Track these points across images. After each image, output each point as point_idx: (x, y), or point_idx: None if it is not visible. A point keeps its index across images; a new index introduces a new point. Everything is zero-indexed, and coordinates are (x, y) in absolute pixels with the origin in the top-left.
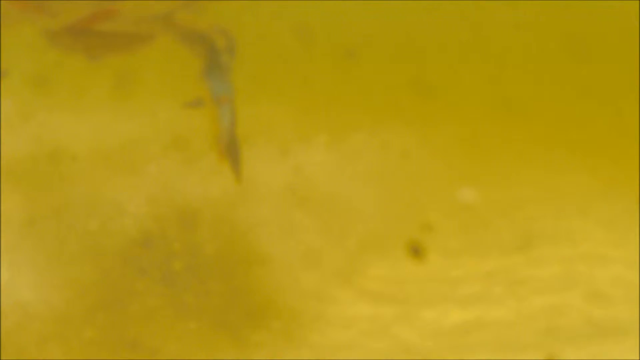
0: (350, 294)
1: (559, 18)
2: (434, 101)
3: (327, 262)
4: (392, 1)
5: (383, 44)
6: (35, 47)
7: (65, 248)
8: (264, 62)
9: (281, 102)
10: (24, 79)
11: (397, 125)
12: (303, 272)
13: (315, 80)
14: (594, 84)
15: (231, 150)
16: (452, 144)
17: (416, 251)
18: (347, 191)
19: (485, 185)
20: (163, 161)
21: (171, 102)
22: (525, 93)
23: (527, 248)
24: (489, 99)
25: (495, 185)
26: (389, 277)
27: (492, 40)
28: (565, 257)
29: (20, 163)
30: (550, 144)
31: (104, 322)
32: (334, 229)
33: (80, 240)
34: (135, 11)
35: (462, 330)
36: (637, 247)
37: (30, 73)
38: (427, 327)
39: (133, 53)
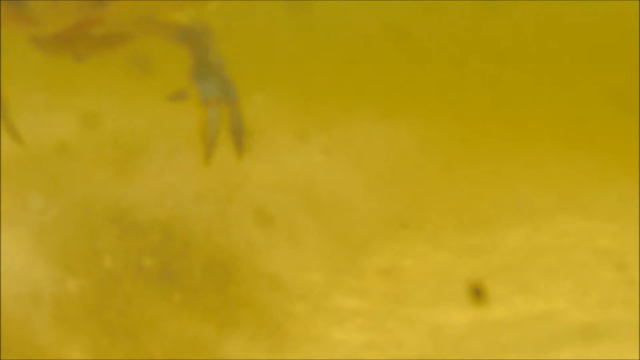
0: (349, 292)
1: (559, 18)
2: (434, 100)
3: (326, 260)
4: (391, 1)
5: (383, 44)
6: (30, 48)
7: (64, 247)
8: (263, 61)
9: (281, 100)
10: (20, 78)
11: (398, 125)
12: (302, 270)
13: (316, 80)
14: (594, 82)
15: (237, 135)
16: (452, 144)
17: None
18: (347, 190)
19: (484, 183)
20: (163, 160)
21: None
22: (525, 92)
23: (527, 244)
24: (489, 99)
25: (494, 183)
26: (388, 275)
27: (492, 40)
28: (565, 253)
29: (19, 161)
30: (549, 141)
31: (104, 320)
32: (334, 227)
33: (80, 237)
34: (119, 15)
35: (463, 329)
36: (637, 242)
37: (25, 72)
38: (428, 327)
39: (118, 52)
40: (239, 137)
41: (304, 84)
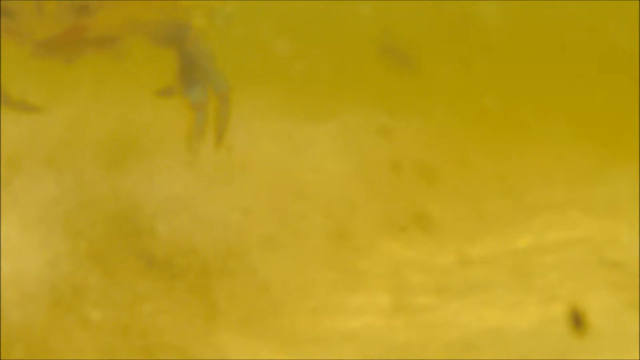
0: (352, 292)
1: (559, 17)
2: (436, 99)
3: (328, 259)
4: (390, 0)
5: (379, 42)
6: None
7: (64, 246)
8: (254, 55)
9: (276, 96)
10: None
11: (398, 124)
12: (303, 269)
13: (313, 76)
14: (594, 82)
15: (219, 127)
16: (451, 139)
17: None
18: (347, 190)
19: (486, 183)
20: (153, 156)
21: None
22: (524, 88)
23: (528, 236)
24: (488, 95)
25: (497, 183)
26: (390, 275)
27: (493, 40)
28: (565, 249)
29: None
30: (549, 136)
31: (112, 317)
32: (331, 222)
33: (81, 236)
34: (105, 22)
35: (463, 326)
36: (638, 241)
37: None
38: (432, 326)
39: (108, 53)
40: (221, 129)
41: (301, 80)
